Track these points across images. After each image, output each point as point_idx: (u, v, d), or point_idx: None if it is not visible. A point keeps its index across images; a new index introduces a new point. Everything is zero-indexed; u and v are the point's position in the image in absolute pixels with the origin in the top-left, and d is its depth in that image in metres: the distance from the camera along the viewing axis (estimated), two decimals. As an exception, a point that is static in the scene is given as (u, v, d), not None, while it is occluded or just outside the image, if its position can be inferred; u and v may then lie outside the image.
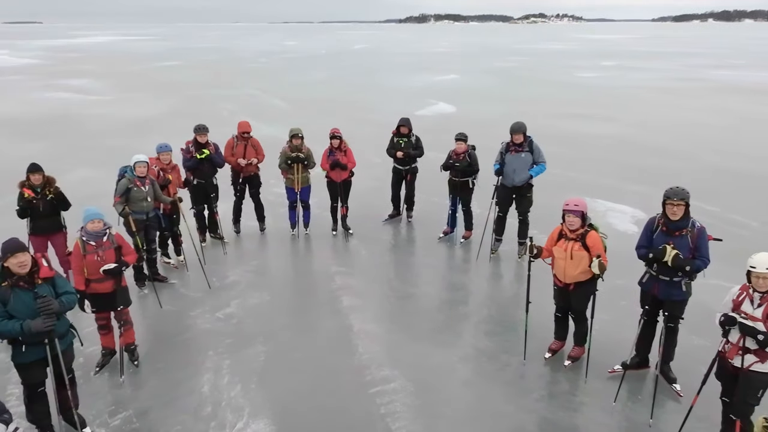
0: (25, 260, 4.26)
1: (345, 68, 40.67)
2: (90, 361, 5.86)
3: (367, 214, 9.96)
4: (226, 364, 5.87)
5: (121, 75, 35.37)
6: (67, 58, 51.49)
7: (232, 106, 21.84)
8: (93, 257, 5.41)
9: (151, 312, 6.99)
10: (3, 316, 4.21)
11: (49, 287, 4.42)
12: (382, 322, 6.73)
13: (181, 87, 28.90)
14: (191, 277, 7.90)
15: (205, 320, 6.77)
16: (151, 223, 7.36)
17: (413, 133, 9.31)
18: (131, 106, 22.79)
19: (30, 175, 6.83)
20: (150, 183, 7.20)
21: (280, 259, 8.62)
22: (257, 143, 8.99)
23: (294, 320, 6.84)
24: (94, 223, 5.43)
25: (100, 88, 28.53)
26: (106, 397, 5.40)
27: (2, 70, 38.47)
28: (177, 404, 5.28)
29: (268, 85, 29.81)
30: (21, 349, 4.36)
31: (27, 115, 20.84)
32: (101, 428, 4.98)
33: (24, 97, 25.57)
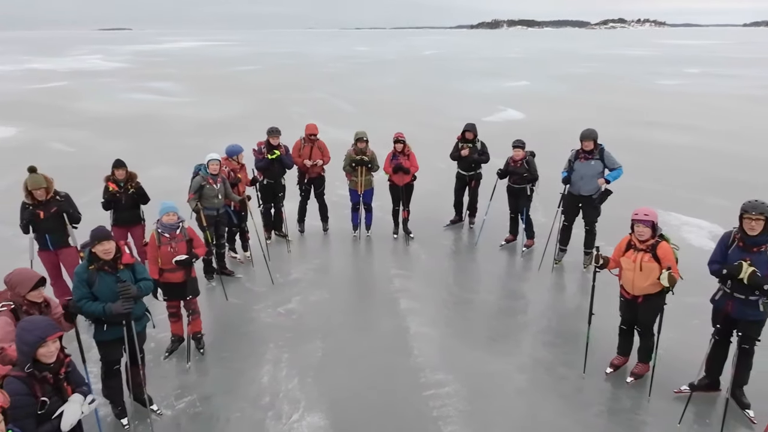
0: (110, 247, 4.62)
1: (414, 73, 40.86)
2: (160, 346, 6.23)
3: (428, 218, 9.99)
4: (285, 358, 6.07)
5: (202, 78, 37.18)
6: (153, 62, 54.73)
7: (302, 110, 22.47)
8: (167, 248, 5.75)
9: (217, 303, 7.33)
10: (88, 297, 4.59)
11: (129, 273, 4.77)
12: (439, 326, 6.73)
13: (256, 90, 30.03)
14: (256, 272, 8.21)
15: (267, 314, 7.02)
16: (221, 219, 7.71)
17: (478, 139, 9.25)
18: (209, 107, 23.93)
19: (115, 170, 7.35)
20: (222, 181, 7.55)
21: (341, 259, 8.80)
22: (323, 145, 9.22)
23: (352, 319, 6.97)
24: (169, 215, 5.78)
25: (181, 91, 30.15)
26: (173, 380, 5.72)
27: (95, 73, 41.42)
28: (238, 392, 5.51)
29: (337, 89, 30.44)
30: (102, 328, 4.73)
31: (115, 114, 22.35)
32: (167, 410, 5.28)
33: (113, 97, 27.43)
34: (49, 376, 3.35)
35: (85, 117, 21.76)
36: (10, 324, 4.16)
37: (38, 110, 23.30)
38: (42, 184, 6.41)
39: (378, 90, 30.25)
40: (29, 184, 6.39)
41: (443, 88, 31.09)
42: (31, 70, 44.42)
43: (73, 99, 26.79)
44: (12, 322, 4.18)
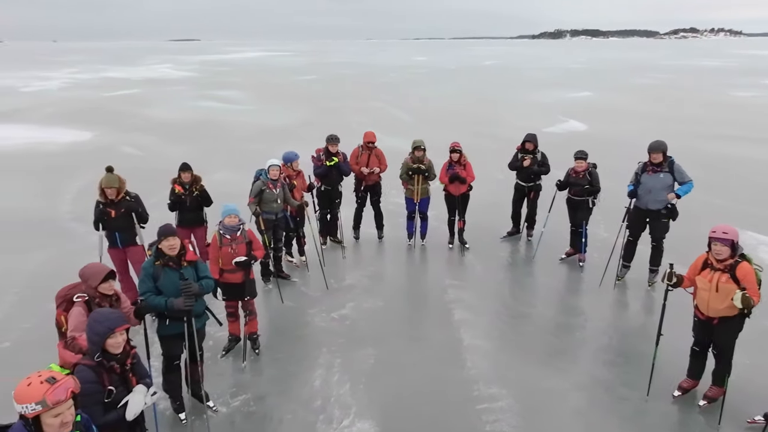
0: (176, 243, 4.81)
1: (472, 83, 40.59)
2: (218, 344, 6.39)
3: (484, 229, 9.84)
4: (337, 363, 6.10)
5: (264, 87, 38.32)
6: (218, 71, 56.88)
7: (360, 118, 22.71)
8: (227, 249, 5.91)
9: (273, 306, 7.46)
10: (153, 291, 4.79)
11: (192, 270, 4.94)
12: (494, 339, 6.58)
13: (315, 99, 30.64)
14: (311, 277, 8.32)
15: (321, 319, 7.09)
16: (279, 224, 7.87)
17: (539, 149, 9.05)
18: (270, 115, 24.61)
19: (181, 173, 7.64)
20: (281, 186, 7.71)
21: (396, 268, 8.78)
22: (381, 153, 9.27)
23: (405, 328, 6.93)
24: (231, 218, 5.95)
25: (244, 99, 31.15)
26: (229, 379, 5.85)
27: (165, 82, 43.45)
28: (291, 394, 5.58)
29: (395, 98, 30.62)
30: (165, 323, 4.92)
31: (182, 120, 23.33)
32: (223, 407, 5.40)
33: (181, 105, 28.66)
34: (116, 366, 3.50)
35: (155, 123, 22.83)
36: (83, 315, 4.39)
37: (113, 116, 24.64)
38: (115, 184, 6.75)
39: (435, 99, 30.21)
40: (103, 182, 6.74)
41: (502, 98, 30.71)
42: (107, 78, 47.09)
43: (145, 106, 28.18)
44: (85, 313, 4.41)
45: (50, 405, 2.61)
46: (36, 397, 2.59)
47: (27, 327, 6.80)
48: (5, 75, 49.67)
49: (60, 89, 37.65)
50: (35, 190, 12.97)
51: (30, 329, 6.72)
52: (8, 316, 7.14)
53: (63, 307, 4.59)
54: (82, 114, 25.05)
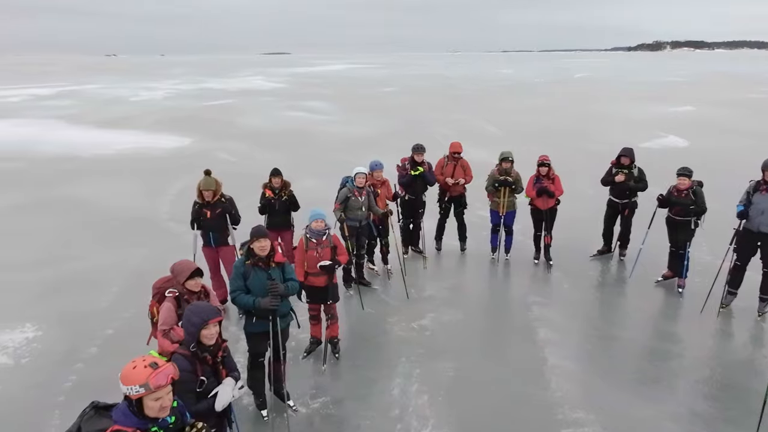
0: (266, 245, 4.97)
1: (561, 96, 39.37)
2: (299, 346, 6.52)
3: (573, 246, 9.43)
4: (416, 373, 6.03)
5: (350, 98, 39.21)
6: (307, 83, 58.95)
7: (445, 130, 22.63)
8: (313, 253, 6.04)
9: (354, 312, 7.53)
10: (242, 290, 4.98)
11: (279, 271, 5.09)
12: (581, 361, 6.25)
13: (399, 110, 30.94)
14: (392, 285, 8.33)
15: (401, 328, 7.06)
16: (362, 231, 7.95)
17: (635, 165, 8.57)
18: (355, 125, 25.11)
19: (272, 178, 7.93)
20: (366, 194, 7.80)
21: (478, 281, 8.60)
22: (467, 164, 9.15)
23: (486, 342, 6.75)
24: (318, 222, 6.07)
25: (331, 110, 32.03)
26: (309, 380, 5.95)
27: (257, 93, 45.59)
28: (369, 400, 5.58)
29: (480, 110, 30.29)
30: (252, 320, 5.09)
31: (273, 129, 24.34)
32: (303, 407, 5.49)
33: (272, 114, 29.92)
34: (208, 357, 3.64)
35: (248, 131, 23.97)
36: (171, 310, 4.66)
37: (209, 124, 26.15)
38: (212, 186, 7.12)
39: (522, 112, 29.56)
40: (202, 184, 7.13)
41: (594, 111, 29.51)
42: (205, 89, 50.14)
43: (238, 115, 29.69)
44: (173, 309, 4.68)
45: (152, 389, 2.75)
46: (140, 380, 2.74)
47: (127, 317, 7.28)
48: (118, 86, 54.21)
49: (164, 99, 40.54)
50: (140, 191, 13.97)
51: (130, 319, 7.19)
52: (112, 306, 7.68)
53: (156, 298, 4.92)
54: (183, 122, 26.78)
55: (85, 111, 31.87)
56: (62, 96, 42.52)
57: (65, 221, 11.51)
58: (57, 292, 8.11)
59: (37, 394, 5.73)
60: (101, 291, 8.14)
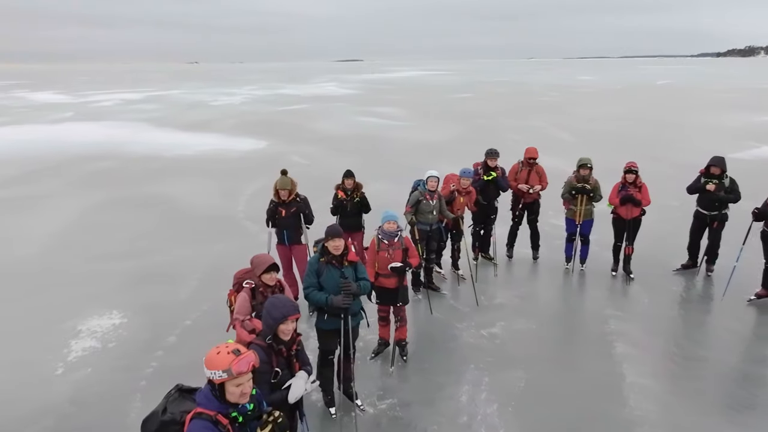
0: (340, 244, 5.03)
1: (643, 104, 37.59)
2: (368, 346, 6.53)
3: (654, 259, 8.94)
4: (485, 381, 5.89)
5: (421, 104, 39.29)
6: (379, 89, 59.62)
7: (517, 137, 22.17)
8: (384, 254, 6.04)
9: (422, 316, 7.47)
10: (315, 286, 5.05)
11: (352, 270, 5.13)
12: (662, 381, 5.88)
13: (471, 116, 30.65)
14: (461, 291, 8.20)
15: (470, 334, 6.93)
16: (433, 235, 7.88)
17: (727, 175, 8.02)
18: (426, 131, 25.08)
19: (345, 179, 8.03)
20: (438, 197, 7.73)
21: (551, 291, 8.31)
22: (542, 170, 8.89)
23: (558, 354, 6.50)
24: (390, 224, 6.08)
25: (402, 115, 32.19)
26: (377, 381, 5.94)
27: (330, 99, 46.58)
28: (436, 405, 5.50)
29: (556, 118, 29.45)
30: (323, 318, 5.14)
31: (344, 134, 24.76)
32: (370, 407, 5.49)
33: (344, 120, 30.46)
34: (283, 350, 3.71)
35: (320, 135, 24.52)
36: (246, 300, 4.82)
37: (284, 128, 26.97)
38: (287, 185, 7.31)
39: (601, 120, 28.47)
40: (278, 184, 7.33)
41: (678, 120, 27.98)
42: (281, 95, 51.85)
43: (312, 120, 30.43)
44: (248, 299, 4.85)
45: (234, 374, 2.82)
46: (223, 365, 2.82)
47: (205, 309, 7.59)
48: (199, 92, 57.11)
49: (242, 104, 42.28)
50: (218, 190, 14.59)
51: (207, 311, 7.49)
52: (190, 298, 8.03)
53: (235, 288, 5.13)
54: (259, 126, 27.77)
55: (169, 115, 33.79)
56: (149, 101, 45.29)
57: (150, 217, 12.19)
58: (141, 283, 8.58)
59: (121, 378, 6.06)
60: (181, 283, 8.53)
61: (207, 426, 2.78)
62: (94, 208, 13.01)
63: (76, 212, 12.63)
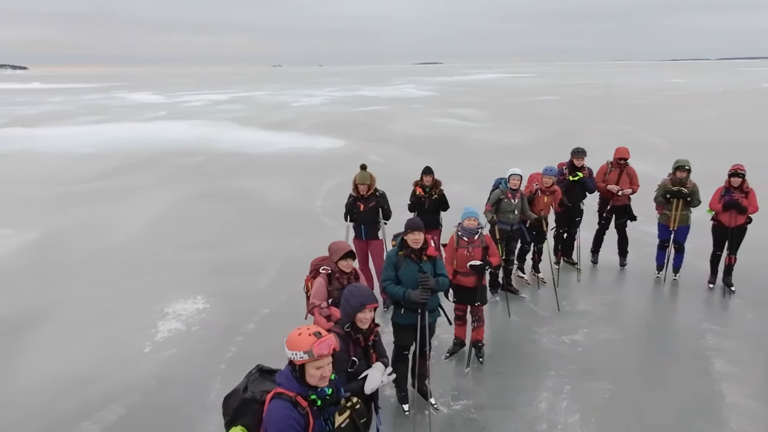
0: (420, 238, 4.94)
1: (744, 107, 34.83)
2: (442, 345, 6.39)
3: (760, 273, 8.20)
4: (566, 389, 5.59)
5: (501, 106, 38.50)
6: (457, 91, 59.10)
7: (603, 140, 21.08)
8: (463, 251, 5.88)
9: (499, 318, 7.23)
10: (393, 280, 4.98)
11: (430, 265, 5.02)
12: None
13: (553, 119, 29.63)
14: (541, 295, 7.87)
15: (550, 340, 6.61)
16: (513, 235, 7.61)
17: None
18: (505, 133, 24.51)
19: (423, 176, 7.93)
20: (520, 197, 7.46)
21: (639, 300, 7.78)
22: (633, 172, 8.38)
23: (648, 368, 6.04)
24: (471, 220, 5.90)
25: (481, 117, 31.68)
26: (451, 382, 5.79)
27: (408, 100, 46.69)
28: (513, 410, 5.27)
29: (646, 121, 27.87)
30: (400, 312, 5.06)
31: (421, 135, 24.66)
32: (444, 407, 5.35)
33: (421, 121, 30.37)
34: (361, 339, 3.66)
35: (397, 135, 24.57)
36: (323, 285, 4.84)
37: (362, 128, 27.28)
38: (366, 180, 7.31)
39: (695, 124, 26.64)
40: (357, 178, 7.34)
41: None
42: (360, 96, 52.57)
43: (389, 120, 30.59)
44: (325, 284, 4.87)
45: (315, 356, 2.80)
46: (305, 347, 2.80)
47: (282, 299, 7.74)
48: (281, 93, 59.05)
49: (321, 104, 43.26)
50: (297, 187, 14.93)
51: (285, 301, 7.64)
52: (269, 288, 8.23)
53: (312, 274, 5.19)
54: (338, 125, 28.24)
55: (253, 114, 35.13)
56: (235, 101, 47.34)
57: (233, 210, 12.66)
58: (223, 272, 8.88)
59: (202, 360, 6.28)
60: (260, 274, 8.76)
61: (287, 406, 2.76)
62: (182, 200, 13.68)
63: (165, 204, 13.32)
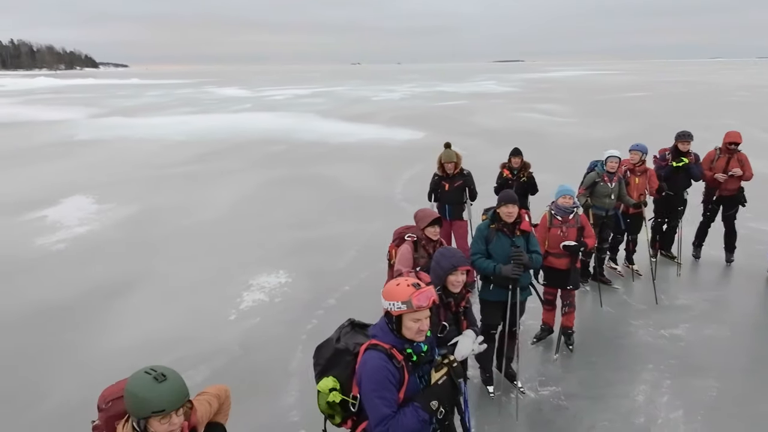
0: (514, 211, 4.71)
1: None
2: (528, 330, 6.09)
3: None
4: (666, 384, 5.16)
5: (586, 102, 36.89)
6: (539, 87, 57.23)
7: (704, 134, 19.53)
8: (556, 231, 5.56)
9: (589, 308, 6.82)
10: (483, 254, 4.77)
11: (524, 241, 4.78)
12: None
13: (642, 115, 27.97)
14: (636, 288, 7.37)
15: (647, 333, 6.14)
16: (608, 222, 7.15)
17: None
18: (590, 127, 23.40)
19: (511, 158, 7.64)
20: (618, 181, 7.00)
21: (749, 298, 7.08)
22: (745, 158, 7.63)
23: (761, 368, 5.46)
24: (566, 198, 5.58)
25: (565, 112, 30.46)
26: (538, 367, 5.51)
27: (489, 95, 45.78)
28: (606, 402, 4.92)
29: (754, 117, 25.68)
30: (489, 287, 4.84)
31: (503, 128, 24.04)
32: (531, 392, 5.09)
33: (502, 115, 29.64)
34: (452, 303, 3.51)
35: (478, 128, 24.09)
36: (408, 252, 4.72)
37: (442, 120, 26.99)
38: (453, 158, 7.11)
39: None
40: (443, 157, 7.16)
41: None
42: (439, 91, 52.14)
43: (469, 114, 30.08)
44: (410, 251, 4.74)
45: (414, 307, 2.67)
46: (403, 296, 2.68)
47: (362, 277, 7.73)
48: (361, 88, 59.70)
49: (400, 99, 43.29)
50: (378, 174, 14.95)
51: (364, 279, 7.63)
52: (349, 267, 8.24)
53: (396, 242, 5.06)
54: (417, 118, 28.11)
55: (334, 108, 35.71)
56: (317, 95, 48.39)
57: (316, 194, 12.85)
58: (305, 251, 9.00)
59: (284, 330, 6.36)
60: (341, 254, 8.80)
61: (382, 357, 2.66)
62: (267, 184, 14.06)
63: (251, 187, 13.74)
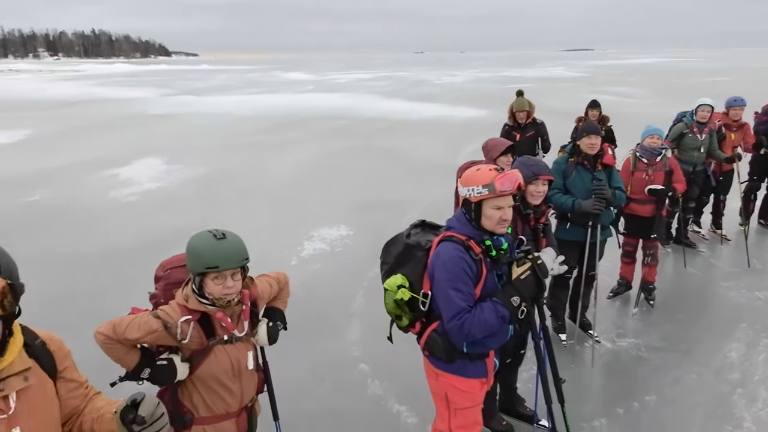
0: (596, 142, 4.34)
1: None
2: (604, 285, 5.61)
3: None
4: (764, 342, 4.66)
5: (663, 84, 35.07)
6: (612, 73, 54.67)
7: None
8: (641, 174, 5.12)
9: (671, 269, 6.33)
10: (560, 189, 4.42)
11: (605, 175, 4.39)
12: None
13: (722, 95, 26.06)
14: (724, 251, 6.78)
15: (739, 294, 5.60)
16: (695, 178, 6.56)
17: None
18: (667, 107, 21.82)
19: (588, 110, 7.70)
20: (709, 133, 6.41)
21: None
22: None
23: None
24: (654, 138, 5.13)
25: (640, 94, 29.00)
26: (615, 320, 5.14)
27: (557, 80, 44.15)
28: (694, 356, 4.50)
29: None
30: (565, 226, 4.49)
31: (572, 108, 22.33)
32: (607, 342, 4.73)
33: (571, 97, 28.22)
34: (531, 216, 3.23)
35: (545, 109, 22.41)
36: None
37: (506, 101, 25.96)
38: (525, 107, 6.75)
39: None
40: (514, 105, 6.82)
41: None
42: (504, 76, 50.80)
43: (536, 95, 28.39)
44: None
45: (497, 191, 2.40)
46: (485, 180, 2.42)
47: (425, 234, 7.49)
48: (425, 73, 59.19)
49: (464, 82, 42.58)
50: (439, 145, 14.74)
51: (426, 236, 7.39)
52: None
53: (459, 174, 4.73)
54: (480, 99, 27.49)
55: (397, 89, 35.48)
56: (379, 79, 48.27)
57: (378, 162, 12.75)
58: (367, 209, 8.88)
59: (345, 276, 6.25)
60: (403, 212, 8.59)
61: (458, 248, 2.42)
62: (331, 153, 14.09)
63: (315, 155, 13.80)
